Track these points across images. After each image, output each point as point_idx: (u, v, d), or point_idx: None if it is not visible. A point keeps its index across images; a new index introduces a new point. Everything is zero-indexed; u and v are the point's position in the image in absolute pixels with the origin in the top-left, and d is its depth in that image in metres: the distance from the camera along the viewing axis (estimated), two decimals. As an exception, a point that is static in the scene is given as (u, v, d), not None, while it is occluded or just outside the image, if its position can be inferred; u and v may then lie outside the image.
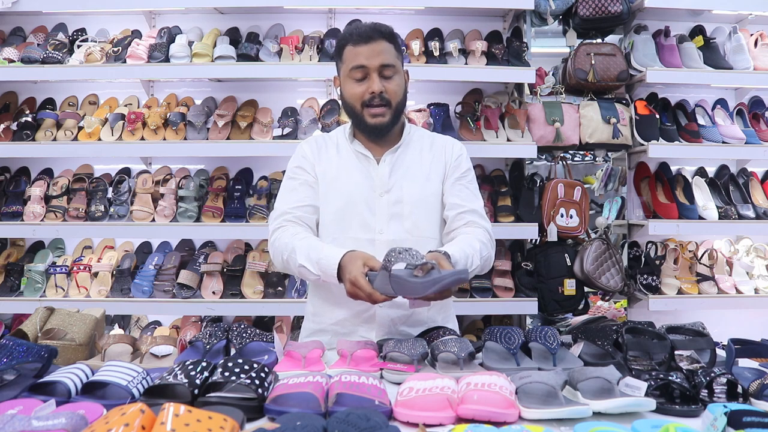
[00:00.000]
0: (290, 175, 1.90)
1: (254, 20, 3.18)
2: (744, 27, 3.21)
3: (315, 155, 1.90)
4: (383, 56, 1.78)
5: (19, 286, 2.91)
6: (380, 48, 1.78)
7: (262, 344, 1.69)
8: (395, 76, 1.81)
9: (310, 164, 1.89)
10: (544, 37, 4.37)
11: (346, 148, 1.91)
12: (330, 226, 1.84)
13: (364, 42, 1.77)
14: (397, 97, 1.81)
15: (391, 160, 1.87)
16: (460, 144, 1.98)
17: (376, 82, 1.77)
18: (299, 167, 1.90)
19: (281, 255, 1.77)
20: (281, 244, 1.77)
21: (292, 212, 1.82)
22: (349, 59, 1.80)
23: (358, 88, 1.79)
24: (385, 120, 1.81)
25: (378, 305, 1.77)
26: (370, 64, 1.77)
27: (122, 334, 1.77)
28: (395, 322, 1.82)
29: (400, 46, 1.87)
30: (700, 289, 2.98)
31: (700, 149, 3.01)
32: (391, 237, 1.80)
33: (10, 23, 3.23)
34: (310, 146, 1.93)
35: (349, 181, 1.85)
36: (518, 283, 2.91)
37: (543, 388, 1.26)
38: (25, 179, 3.11)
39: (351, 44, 1.80)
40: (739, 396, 1.32)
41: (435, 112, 2.95)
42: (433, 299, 1.52)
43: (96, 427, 0.99)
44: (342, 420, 1.02)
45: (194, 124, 2.92)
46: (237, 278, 2.89)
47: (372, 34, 1.78)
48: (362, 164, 1.88)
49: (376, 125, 1.81)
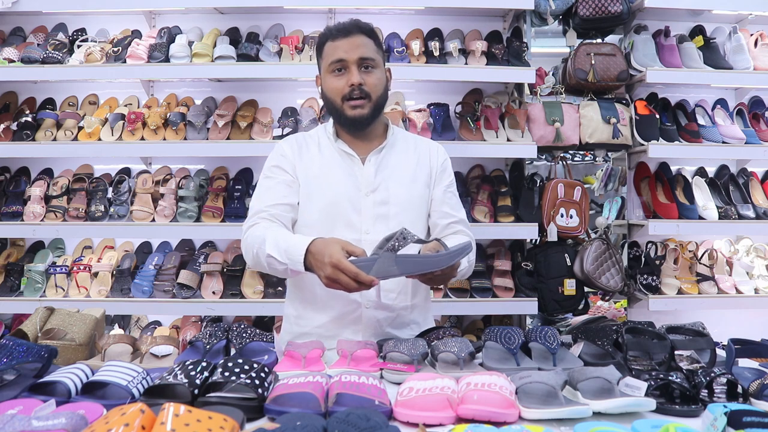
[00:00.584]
0: (267, 174, 1.86)
1: (254, 20, 3.18)
2: (744, 27, 3.21)
3: (295, 154, 1.87)
4: (362, 49, 1.77)
5: (19, 286, 2.91)
6: (359, 41, 1.77)
7: (262, 344, 1.69)
8: (375, 70, 1.80)
9: (289, 163, 1.85)
10: (544, 37, 4.37)
11: (329, 147, 1.88)
12: (315, 225, 1.80)
13: (343, 36, 1.77)
14: (377, 91, 1.80)
15: (376, 160, 1.85)
16: (443, 148, 1.99)
17: (355, 74, 1.76)
18: (277, 166, 1.85)
19: (252, 250, 1.72)
20: (252, 238, 1.73)
21: (267, 210, 1.78)
22: (328, 54, 1.80)
23: (338, 82, 1.78)
24: (364, 112, 1.78)
25: (364, 307, 1.78)
26: (349, 57, 1.76)
27: (122, 334, 1.77)
28: (381, 323, 1.81)
29: (380, 43, 1.87)
30: (700, 289, 2.98)
31: (700, 149, 3.01)
32: (377, 237, 1.77)
33: (10, 23, 3.22)
34: (290, 145, 1.89)
35: (333, 180, 1.83)
36: (518, 283, 2.91)
37: (543, 388, 1.26)
38: (25, 179, 3.11)
39: (330, 40, 1.79)
40: (739, 396, 1.32)
41: (435, 112, 2.94)
42: (439, 279, 1.60)
43: (96, 427, 0.99)
44: (342, 420, 1.02)
45: (194, 124, 2.92)
46: (237, 278, 2.89)
47: (351, 29, 1.78)
48: (346, 163, 1.85)
49: (356, 117, 1.78)
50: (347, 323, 1.79)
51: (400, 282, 1.81)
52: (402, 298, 1.83)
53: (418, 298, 1.89)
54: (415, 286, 1.87)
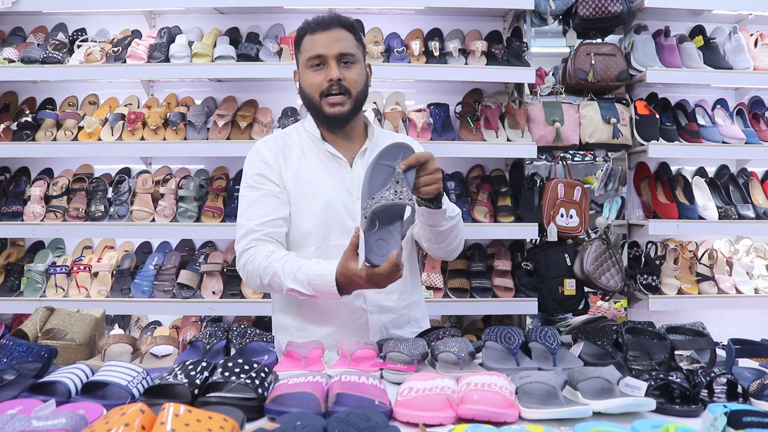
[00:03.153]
0: (251, 184, 1.77)
1: (254, 20, 3.18)
2: (744, 27, 3.21)
3: (279, 160, 1.78)
4: (342, 44, 1.72)
5: (19, 286, 2.91)
6: (339, 36, 1.72)
7: (262, 344, 1.69)
8: (355, 65, 1.74)
9: (274, 172, 1.77)
10: (544, 37, 4.37)
11: (313, 149, 1.81)
12: (311, 234, 1.75)
13: (322, 29, 1.72)
14: (357, 87, 1.74)
15: (362, 162, 1.80)
16: (417, 142, 1.94)
17: (334, 69, 1.70)
18: (261, 175, 1.77)
19: (259, 279, 1.68)
20: (255, 267, 1.68)
21: (260, 230, 1.71)
22: (307, 48, 1.74)
23: (316, 78, 1.72)
24: (344, 109, 1.73)
25: (369, 312, 1.77)
26: (327, 52, 1.70)
27: (122, 334, 1.77)
28: (387, 326, 1.80)
29: (361, 38, 1.81)
30: (700, 289, 2.98)
31: (700, 149, 3.01)
32: None
33: (10, 23, 3.22)
34: (271, 149, 1.80)
35: (324, 186, 1.76)
36: (518, 283, 2.91)
37: (543, 388, 1.26)
38: (25, 179, 3.11)
39: (309, 33, 1.74)
40: (739, 396, 1.32)
41: (435, 112, 2.95)
42: (422, 189, 1.54)
43: (96, 427, 0.99)
44: (342, 420, 1.02)
45: (194, 124, 2.92)
46: (237, 278, 2.89)
47: (330, 22, 1.73)
48: (334, 167, 1.80)
49: (334, 115, 1.73)
50: (354, 330, 1.76)
51: (400, 283, 1.80)
52: (403, 298, 1.83)
53: (416, 294, 1.91)
54: (411, 284, 1.87)
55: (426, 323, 1.93)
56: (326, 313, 1.77)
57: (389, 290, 1.75)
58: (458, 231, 1.83)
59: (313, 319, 1.78)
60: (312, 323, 1.78)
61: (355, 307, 1.76)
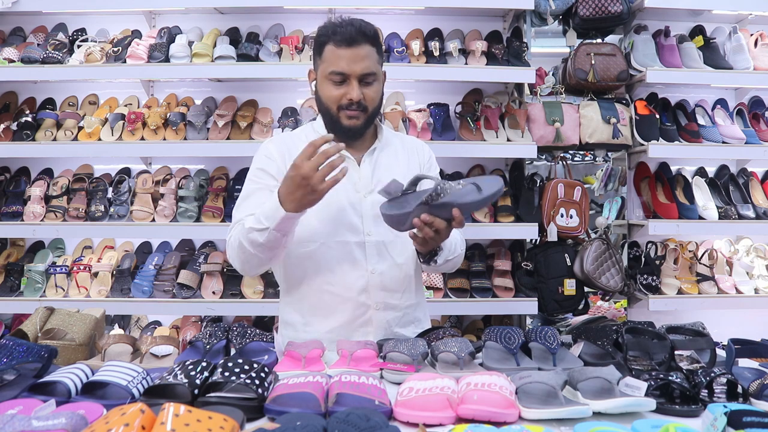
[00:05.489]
0: (251, 178, 1.81)
1: (254, 20, 3.17)
2: (744, 27, 3.21)
3: (284, 156, 1.78)
4: (365, 63, 1.71)
5: (19, 286, 2.90)
6: (363, 53, 1.71)
7: (262, 344, 1.69)
8: (375, 83, 1.76)
9: (275, 167, 1.78)
10: (544, 37, 4.36)
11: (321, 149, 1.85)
12: (317, 231, 1.75)
13: (346, 45, 1.70)
14: (374, 104, 1.77)
15: (371, 161, 1.83)
16: (427, 145, 2.00)
17: (356, 90, 1.71)
18: (261, 170, 1.80)
19: (235, 245, 1.69)
20: (234, 239, 1.70)
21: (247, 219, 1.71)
22: (329, 60, 1.73)
23: (336, 92, 1.73)
24: (359, 123, 1.75)
25: (374, 309, 1.77)
26: (351, 71, 1.70)
27: (122, 334, 1.77)
28: (391, 324, 1.81)
29: (381, 45, 1.82)
30: (700, 289, 2.98)
31: (700, 149, 3.01)
32: (379, 238, 1.77)
33: (10, 23, 3.22)
34: (278, 147, 1.82)
35: None
36: (518, 283, 2.91)
37: (543, 388, 1.26)
38: (25, 179, 3.11)
39: (333, 44, 1.72)
40: (739, 396, 1.32)
41: (435, 112, 2.94)
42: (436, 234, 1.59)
43: (96, 427, 0.99)
44: (342, 420, 1.02)
45: (194, 124, 2.92)
46: (237, 278, 2.89)
47: (356, 37, 1.70)
48: None
49: (351, 127, 1.75)
50: (357, 326, 1.78)
51: (404, 281, 1.82)
52: (407, 297, 1.84)
53: (419, 295, 1.91)
54: (416, 283, 1.88)
55: (427, 324, 1.93)
56: (330, 308, 1.79)
57: (394, 288, 1.79)
58: (456, 262, 1.86)
59: (318, 314, 1.80)
60: (317, 318, 1.80)
61: (360, 303, 1.77)
